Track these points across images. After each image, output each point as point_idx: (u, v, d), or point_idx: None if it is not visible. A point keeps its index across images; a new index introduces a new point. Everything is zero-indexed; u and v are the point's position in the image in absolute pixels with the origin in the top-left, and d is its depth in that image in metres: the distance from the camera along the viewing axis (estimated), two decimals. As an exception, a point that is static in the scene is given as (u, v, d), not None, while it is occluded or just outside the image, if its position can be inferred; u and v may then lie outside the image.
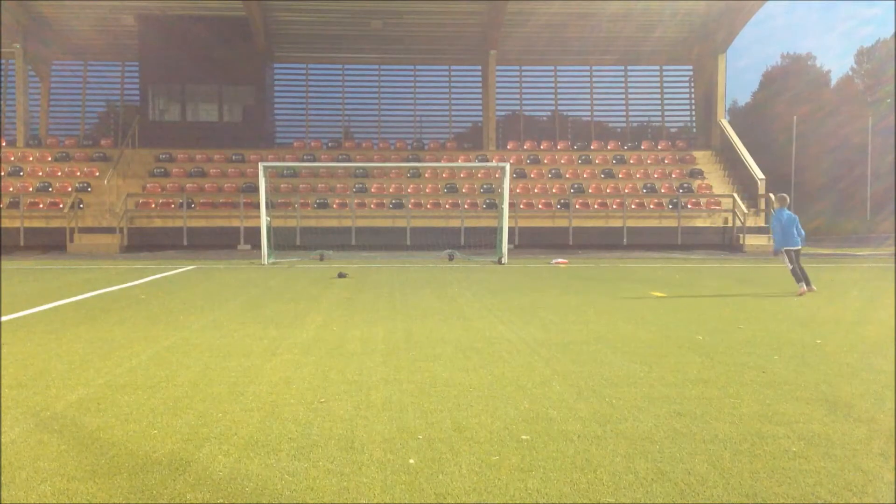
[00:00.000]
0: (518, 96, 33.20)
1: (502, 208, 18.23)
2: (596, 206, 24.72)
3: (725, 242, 23.95)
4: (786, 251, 11.05)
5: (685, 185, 26.28)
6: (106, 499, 2.98)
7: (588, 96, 33.25)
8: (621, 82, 33.24)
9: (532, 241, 23.27)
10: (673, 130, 33.87)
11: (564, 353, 5.95)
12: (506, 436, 3.77)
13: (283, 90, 32.59)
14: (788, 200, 11.51)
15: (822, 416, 4.15)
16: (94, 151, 27.86)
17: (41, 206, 23.77)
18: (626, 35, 29.84)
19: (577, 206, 24.47)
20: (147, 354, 5.91)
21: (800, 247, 11.08)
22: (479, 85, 32.02)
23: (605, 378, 5.08)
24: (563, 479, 3.18)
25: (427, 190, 26.09)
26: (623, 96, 33.36)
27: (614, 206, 24.60)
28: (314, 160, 27.10)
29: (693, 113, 32.57)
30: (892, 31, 68.58)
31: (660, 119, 33.70)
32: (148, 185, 25.44)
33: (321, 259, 18.38)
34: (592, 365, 5.51)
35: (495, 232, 19.00)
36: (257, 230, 18.92)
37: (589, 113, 33.64)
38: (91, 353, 5.96)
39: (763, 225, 24.41)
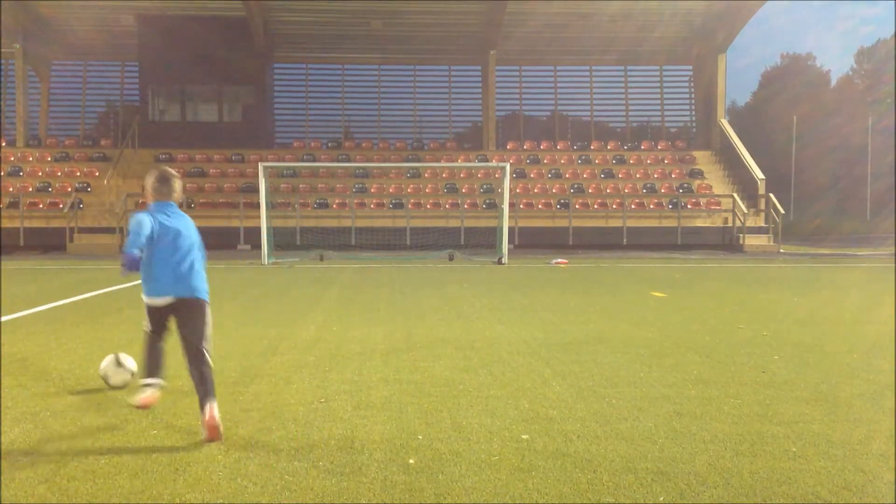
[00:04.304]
0: (518, 96, 33.15)
1: (502, 208, 18.22)
2: (596, 206, 24.70)
3: (725, 242, 23.93)
4: None
5: (685, 185, 26.27)
6: (106, 499, 2.98)
7: (588, 96, 33.21)
8: (621, 82, 33.19)
9: (532, 241, 23.25)
10: (673, 130, 33.83)
11: (564, 353, 5.95)
12: (506, 436, 3.77)
13: (283, 90, 32.53)
14: None
15: (822, 416, 4.15)
16: (94, 151, 27.83)
17: (41, 206, 23.75)
18: (626, 35, 29.79)
19: (576, 206, 24.45)
20: (147, 354, 5.90)
21: None
22: (479, 85, 31.96)
23: (605, 378, 5.08)
24: (563, 479, 3.18)
25: (427, 190, 26.07)
26: (623, 96, 33.32)
27: (614, 206, 24.58)
28: (314, 160, 27.08)
29: (693, 113, 32.53)
30: (893, 30, 68.55)
31: (660, 119, 33.67)
32: (148, 185, 25.37)
33: (321, 259, 18.37)
34: (592, 365, 5.51)
35: (495, 232, 18.99)
36: (257, 230, 18.91)
37: (589, 113, 33.61)
38: (91, 353, 5.95)
39: (763, 225, 24.41)
